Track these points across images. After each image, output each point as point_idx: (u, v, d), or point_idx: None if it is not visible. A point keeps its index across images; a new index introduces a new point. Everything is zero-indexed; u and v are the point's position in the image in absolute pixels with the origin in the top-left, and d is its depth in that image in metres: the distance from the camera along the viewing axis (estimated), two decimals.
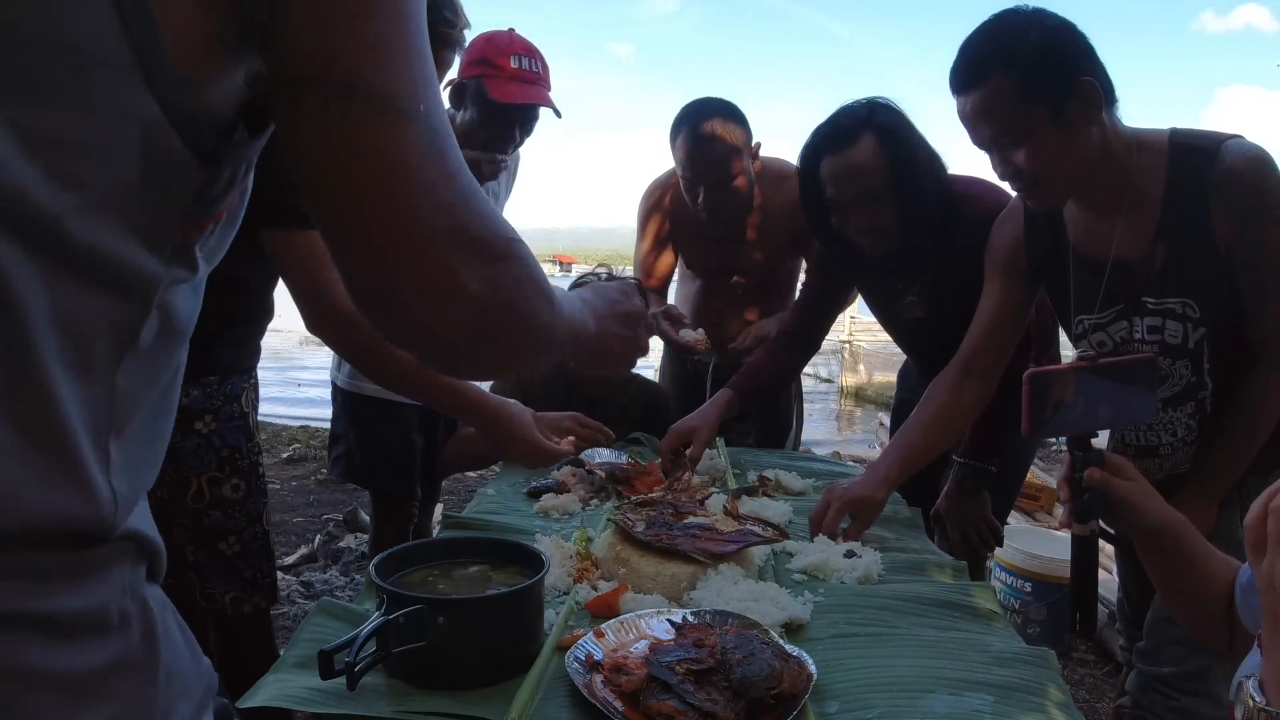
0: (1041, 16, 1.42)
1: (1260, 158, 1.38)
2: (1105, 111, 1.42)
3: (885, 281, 2.09)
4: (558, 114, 2.16)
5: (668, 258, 2.51)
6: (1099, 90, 1.39)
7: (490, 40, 2.07)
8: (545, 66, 2.11)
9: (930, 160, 1.86)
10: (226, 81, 0.53)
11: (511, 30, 2.12)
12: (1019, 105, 1.40)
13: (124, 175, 0.49)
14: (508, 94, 2.04)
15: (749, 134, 2.25)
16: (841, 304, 2.29)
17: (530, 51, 2.08)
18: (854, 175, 1.82)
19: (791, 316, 2.25)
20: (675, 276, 2.65)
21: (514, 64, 2.05)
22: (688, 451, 1.95)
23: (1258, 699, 0.70)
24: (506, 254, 0.62)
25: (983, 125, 1.45)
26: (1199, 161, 1.40)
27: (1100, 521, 1.12)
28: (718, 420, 2.03)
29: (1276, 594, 0.71)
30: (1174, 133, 1.45)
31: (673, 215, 2.46)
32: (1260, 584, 0.74)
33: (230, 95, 0.54)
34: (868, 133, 1.81)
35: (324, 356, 3.02)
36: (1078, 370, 1.12)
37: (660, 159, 2.58)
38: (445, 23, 1.61)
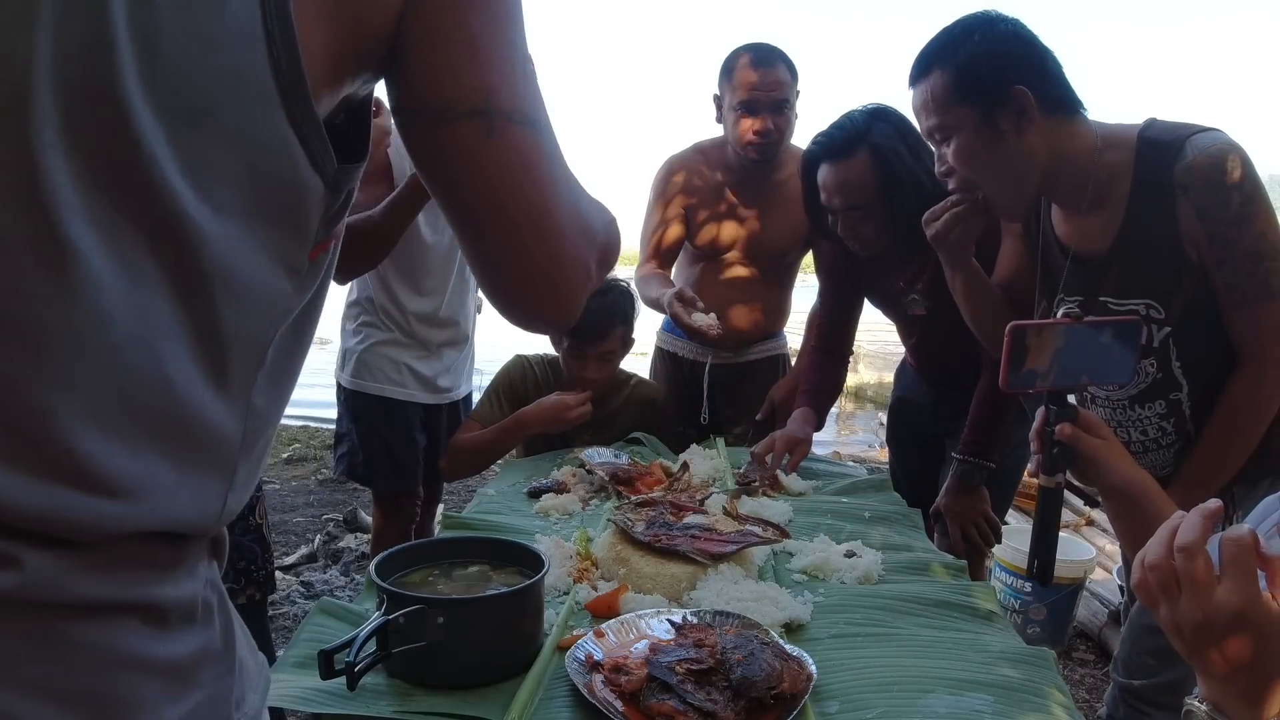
0: (992, 23, 1.43)
1: (1224, 153, 1.32)
2: (1049, 121, 1.41)
3: (888, 280, 2.10)
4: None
5: (676, 233, 2.47)
6: (1030, 100, 1.38)
7: None
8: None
9: (924, 179, 1.86)
10: (332, 105, 0.57)
11: None
12: (950, 103, 1.42)
13: (263, 199, 0.52)
14: None
15: (798, 75, 2.30)
16: (859, 305, 2.32)
17: None
18: (843, 189, 1.90)
19: (820, 330, 2.32)
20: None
21: None
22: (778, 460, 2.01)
23: (1212, 713, 0.71)
24: (607, 239, 0.74)
25: (921, 118, 1.49)
26: (1163, 158, 1.37)
27: (1069, 476, 1.13)
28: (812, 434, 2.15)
29: (1183, 637, 0.72)
30: (1145, 127, 1.42)
31: (689, 189, 2.44)
32: (1166, 628, 0.74)
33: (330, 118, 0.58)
34: (862, 149, 1.87)
35: (324, 357, 3.02)
36: (1061, 325, 1.12)
37: (655, 160, 2.58)
38: None
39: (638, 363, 2.63)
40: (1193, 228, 1.35)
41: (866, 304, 2.28)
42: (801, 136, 2.36)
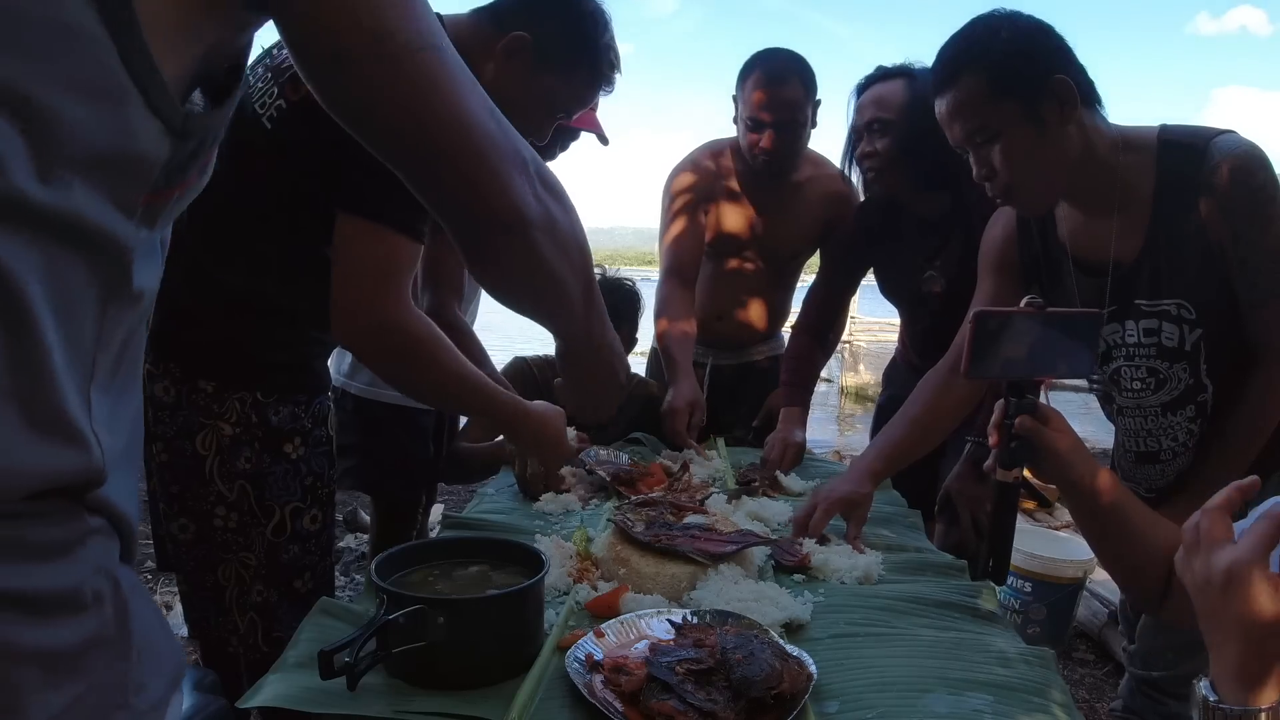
0: (1015, 17, 1.42)
1: (1250, 154, 1.36)
2: (1085, 111, 1.41)
3: (906, 257, 2.12)
4: (603, 140, 2.23)
5: (694, 241, 2.44)
6: (1073, 88, 1.38)
7: None
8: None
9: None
10: (189, 49, 0.55)
11: None
12: (990, 102, 1.40)
13: (100, 145, 0.50)
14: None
15: (815, 88, 2.28)
16: (851, 291, 2.42)
17: None
18: (876, 102, 2.04)
19: (808, 307, 2.39)
20: None
21: None
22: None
23: (1210, 697, 0.72)
24: (534, 158, 0.76)
25: (956, 124, 1.45)
26: (1188, 160, 1.39)
27: (1026, 472, 1.14)
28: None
29: (1208, 591, 0.73)
30: (1163, 130, 1.44)
31: (700, 192, 2.42)
32: (1190, 586, 0.75)
33: (190, 63, 0.56)
34: (903, 78, 2.03)
35: None
36: (1025, 315, 1.12)
37: (660, 160, 2.59)
38: (609, 65, 1.60)
39: (638, 363, 2.63)
40: (1220, 227, 1.38)
41: (868, 302, 2.31)
42: (817, 141, 2.37)
